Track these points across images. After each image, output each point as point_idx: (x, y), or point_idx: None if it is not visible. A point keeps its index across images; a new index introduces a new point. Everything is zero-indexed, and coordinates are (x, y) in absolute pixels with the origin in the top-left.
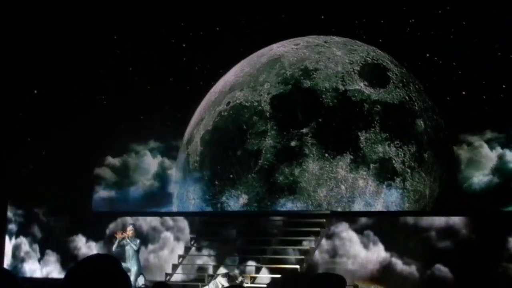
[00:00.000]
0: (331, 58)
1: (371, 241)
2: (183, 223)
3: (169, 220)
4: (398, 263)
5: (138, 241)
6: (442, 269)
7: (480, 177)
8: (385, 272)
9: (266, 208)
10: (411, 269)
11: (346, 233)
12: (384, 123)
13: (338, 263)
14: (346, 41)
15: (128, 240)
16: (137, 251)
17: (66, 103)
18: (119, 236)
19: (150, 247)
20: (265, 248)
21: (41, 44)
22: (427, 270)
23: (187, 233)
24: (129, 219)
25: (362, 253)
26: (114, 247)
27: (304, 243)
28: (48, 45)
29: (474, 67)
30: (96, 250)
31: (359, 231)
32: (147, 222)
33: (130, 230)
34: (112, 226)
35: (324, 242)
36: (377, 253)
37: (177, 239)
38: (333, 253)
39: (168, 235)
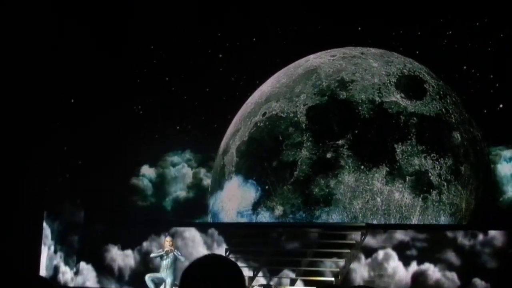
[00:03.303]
0: (367, 69)
1: (407, 254)
2: (218, 234)
3: (204, 231)
4: (435, 277)
5: (179, 251)
6: (479, 283)
7: None
8: (420, 285)
9: (301, 219)
10: (448, 283)
11: (381, 245)
12: (421, 136)
13: (374, 275)
14: (383, 52)
15: (174, 253)
16: (174, 262)
17: (103, 112)
18: (168, 248)
19: (185, 255)
20: (300, 260)
21: (78, 53)
22: (465, 284)
23: (222, 244)
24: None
25: (398, 266)
26: (154, 255)
27: (340, 255)
28: (85, 54)
29: None
30: (132, 260)
31: (395, 243)
32: (182, 233)
33: (169, 241)
34: (148, 235)
35: (359, 254)
36: (413, 266)
37: (212, 250)
38: (369, 265)
39: (203, 245)
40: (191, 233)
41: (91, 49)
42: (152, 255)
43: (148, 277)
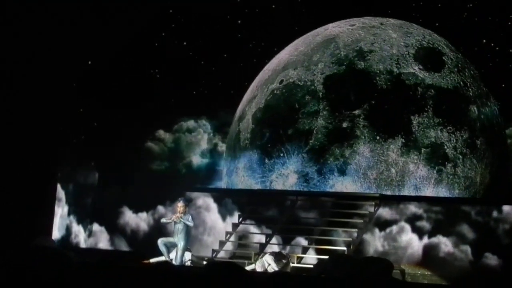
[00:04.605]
0: (386, 40)
1: (420, 226)
2: (232, 199)
3: (218, 197)
4: (446, 249)
5: (190, 217)
6: (491, 257)
7: None
8: (432, 257)
9: (315, 188)
10: (460, 256)
11: (394, 216)
12: (437, 108)
13: (386, 246)
14: (402, 23)
15: (182, 220)
16: (187, 227)
17: (120, 75)
18: (174, 218)
19: (198, 223)
20: (313, 229)
21: (97, 15)
22: (476, 258)
23: (235, 210)
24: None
25: (410, 237)
26: (164, 221)
27: (353, 225)
28: (104, 16)
29: None
30: (145, 223)
31: (408, 215)
32: (196, 200)
33: (181, 206)
34: (163, 200)
35: (372, 225)
36: (425, 238)
37: (225, 216)
38: (381, 236)
39: (216, 211)
40: (205, 200)
41: (110, 11)
42: (162, 220)
43: (160, 241)
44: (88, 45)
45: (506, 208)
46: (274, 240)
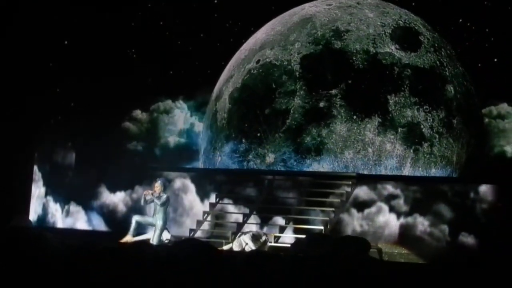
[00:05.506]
0: (363, 19)
1: (396, 204)
2: (209, 179)
3: (195, 176)
4: (423, 228)
5: (164, 196)
6: (467, 236)
7: (507, 147)
8: (409, 236)
9: (292, 168)
10: (436, 235)
11: (371, 196)
12: (414, 87)
13: (363, 225)
14: (378, 3)
15: (150, 197)
16: (163, 206)
17: (96, 55)
18: (145, 193)
19: (175, 202)
20: (290, 208)
21: None
22: (452, 237)
23: (212, 190)
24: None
25: (387, 216)
26: (142, 202)
27: (329, 204)
28: None
29: (507, 34)
30: (122, 204)
31: (385, 194)
32: (173, 178)
33: (157, 186)
34: (140, 179)
35: (349, 204)
36: (402, 217)
37: (202, 195)
38: (358, 215)
39: (194, 193)
40: (183, 182)
41: None
42: (141, 203)
43: (134, 218)
44: (65, 24)
45: (482, 187)
46: (251, 219)
